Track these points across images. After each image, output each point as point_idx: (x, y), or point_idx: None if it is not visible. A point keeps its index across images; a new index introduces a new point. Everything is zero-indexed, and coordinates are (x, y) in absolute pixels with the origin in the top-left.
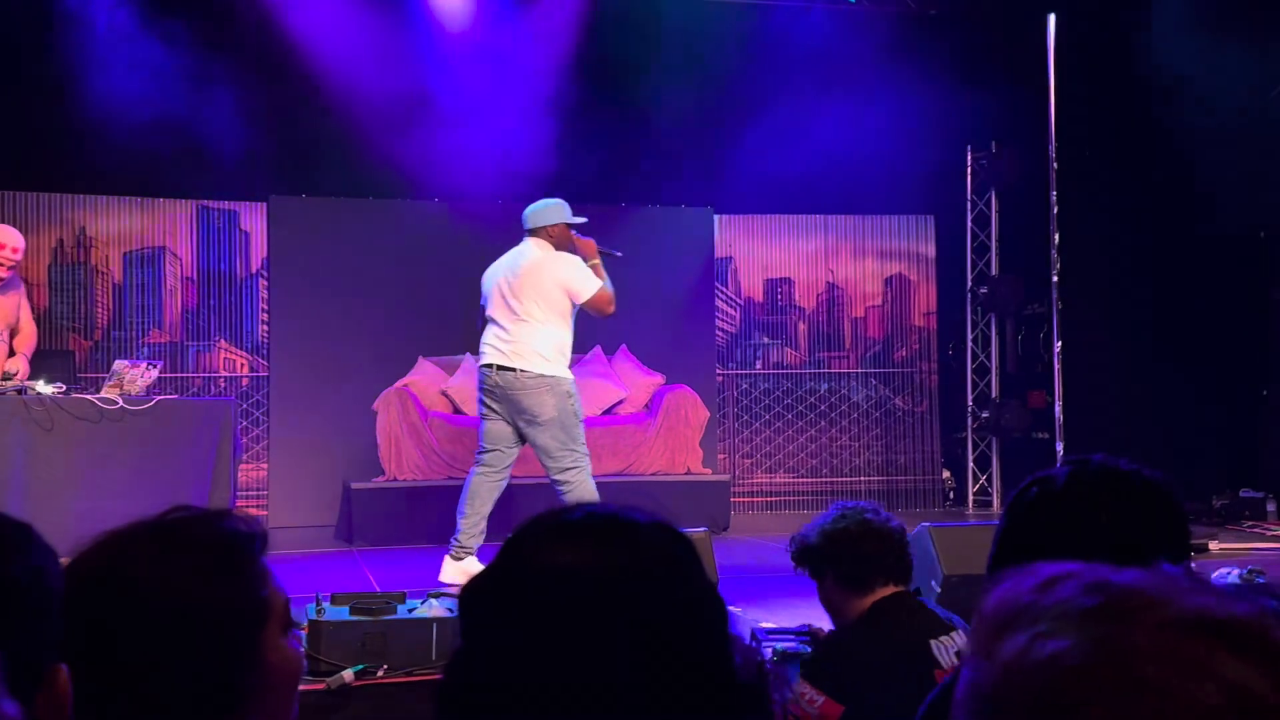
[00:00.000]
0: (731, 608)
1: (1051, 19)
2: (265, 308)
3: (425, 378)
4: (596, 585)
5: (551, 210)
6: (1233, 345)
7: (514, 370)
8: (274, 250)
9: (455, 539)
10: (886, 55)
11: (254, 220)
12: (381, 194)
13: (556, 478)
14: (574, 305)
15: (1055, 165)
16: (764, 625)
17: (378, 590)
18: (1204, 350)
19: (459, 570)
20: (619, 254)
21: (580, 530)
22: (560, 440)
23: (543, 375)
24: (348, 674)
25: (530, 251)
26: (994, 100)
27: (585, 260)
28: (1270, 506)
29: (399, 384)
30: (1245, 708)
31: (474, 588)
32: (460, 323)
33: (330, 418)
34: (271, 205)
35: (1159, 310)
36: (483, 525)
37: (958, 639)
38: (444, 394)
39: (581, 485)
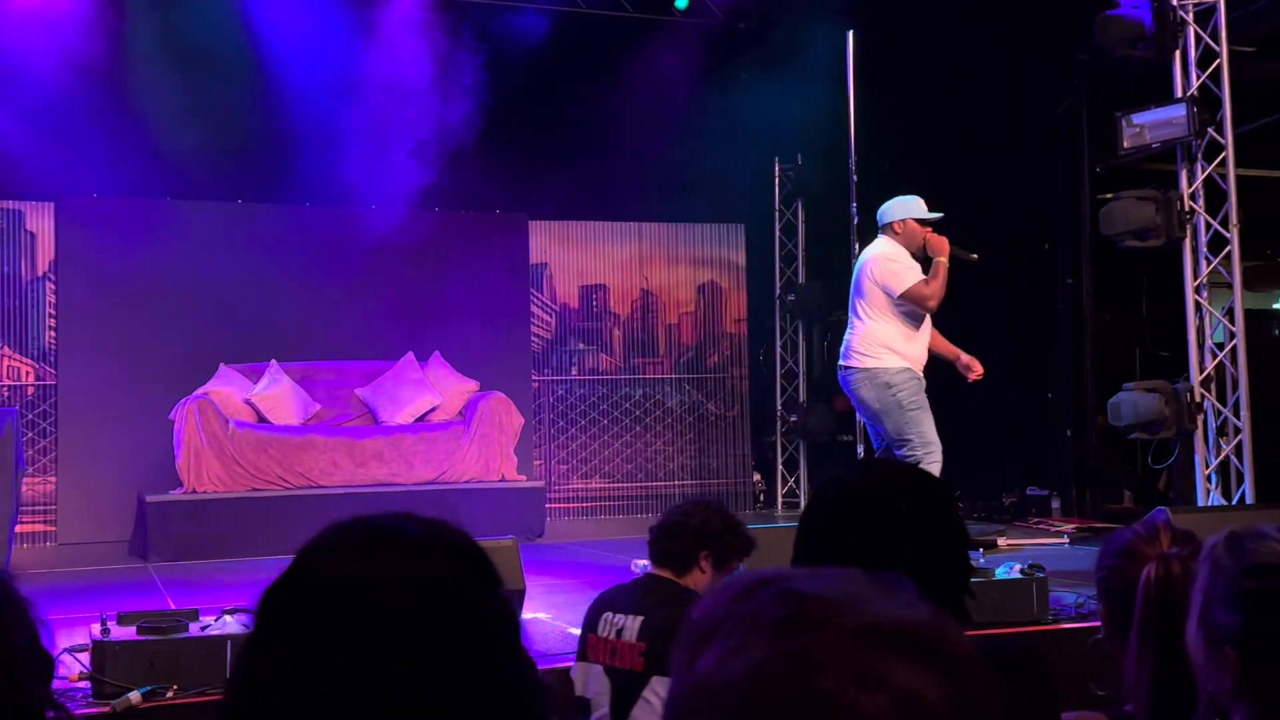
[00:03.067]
0: (540, 614)
1: (851, 36)
2: (53, 313)
3: (228, 386)
4: (379, 596)
5: (896, 206)
6: (1022, 352)
7: (842, 367)
8: (63, 252)
9: None
10: (699, 66)
11: (41, 221)
12: (180, 194)
13: None
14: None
15: (855, 177)
16: None
17: (172, 608)
18: (996, 356)
19: None
20: (974, 256)
21: (366, 540)
22: (892, 430)
23: (863, 370)
24: (134, 696)
25: (869, 249)
26: (800, 113)
27: (935, 257)
28: (1055, 503)
29: (199, 392)
30: (913, 713)
31: (266, 595)
32: (265, 328)
33: (124, 428)
34: (60, 205)
35: (954, 318)
36: None
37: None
38: (248, 402)
39: None
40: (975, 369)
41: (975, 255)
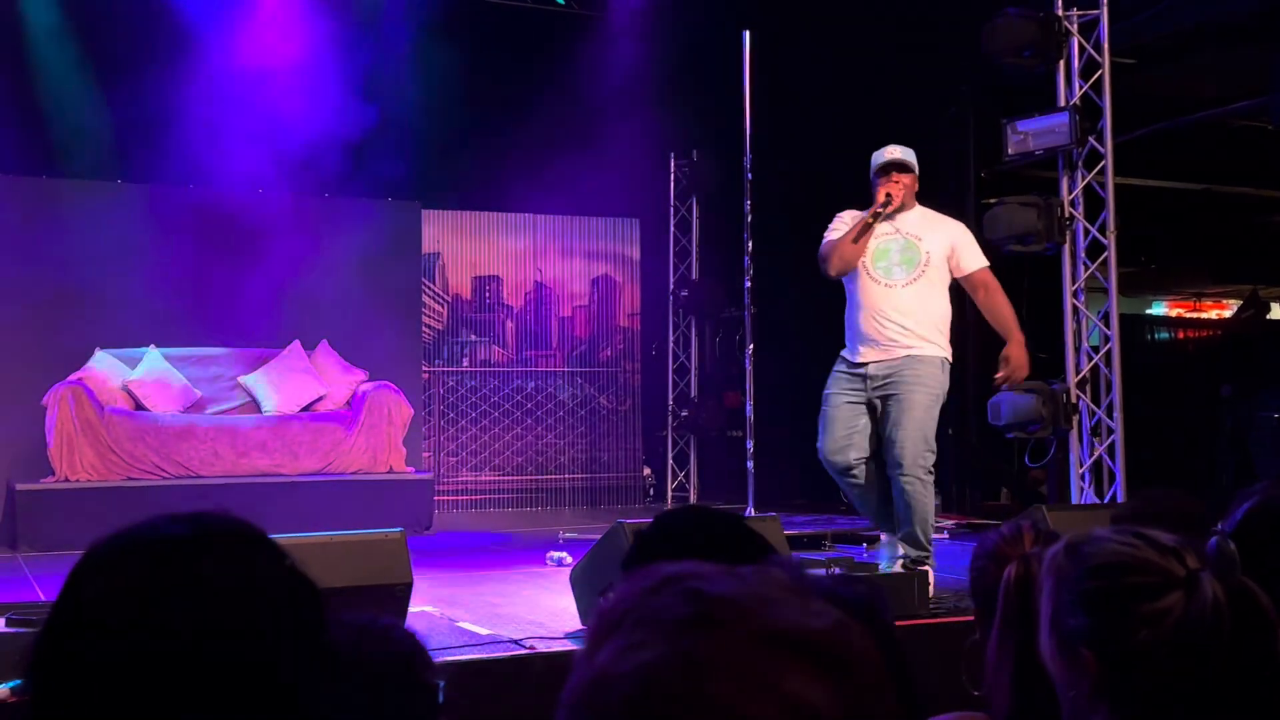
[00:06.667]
0: (428, 608)
1: (747, 35)
2: None
3: (104, 371)
4: (141, 614)
5: None
6: None
7: None
8: None
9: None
10: (597, 60)
11: None
12: (57, 173)
13: None
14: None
15: (750, 175)
16: None
17: (43, 599)
18: None
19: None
20: (881, 210)
21: (125, 554)
22: None
23: None
24: (2, 689)
25: None
26: (697, 110)
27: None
28: (936, 500)
29: (73, 377)
30: None
31: (44, 634)
32: (144, 313)
33: None
34: None
35: (842, 317)
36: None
37: None
38: (125, 388)
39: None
40: (1013, 371)
41: (885, 209)
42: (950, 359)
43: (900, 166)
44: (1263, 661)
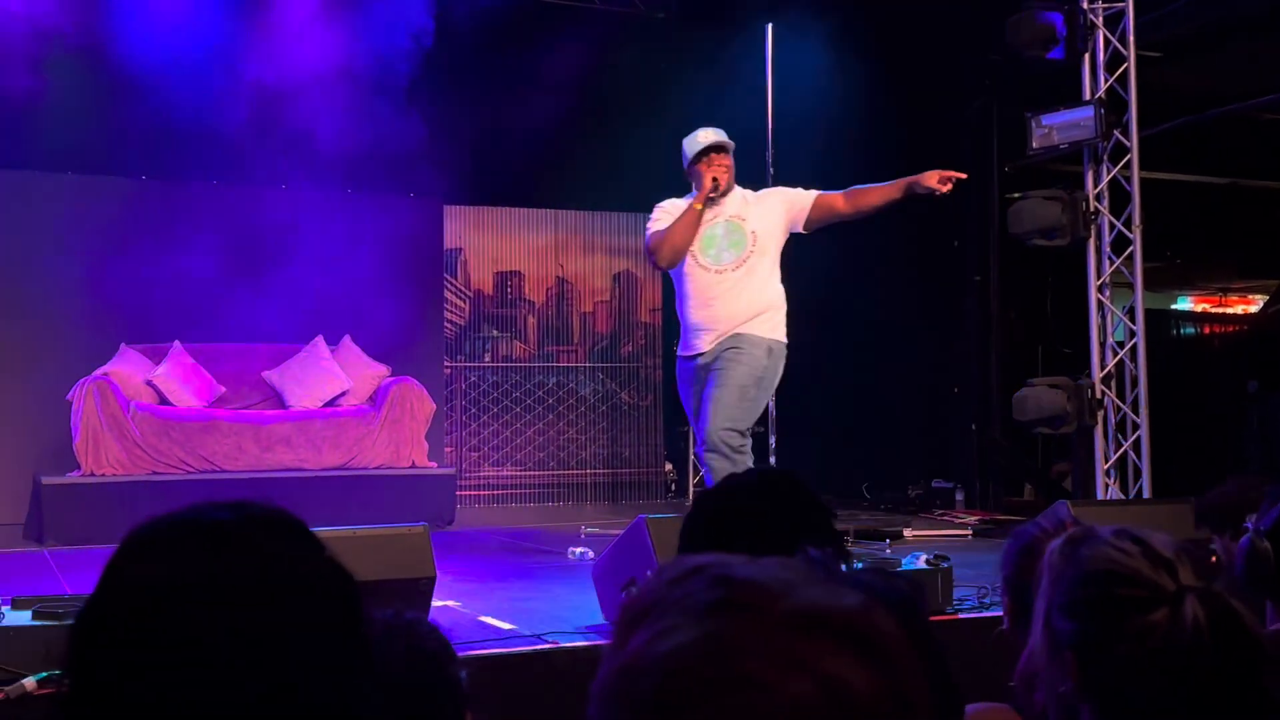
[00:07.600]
0: (451, 602)
1: (769, 28)
2: None
3: (128, 366)
4: (184, 598)
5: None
6: (930, 347)
7: None
8: None
9: None
10: (617, 55)
11: None
12: (82, 170)
13: None
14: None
15: (772, 171)
16: None
17: (69, 593)
18: (906, 351)
19: None
20: (713, 195)
21: (168, 539)
22: None
23: None
24: (29, 682)
25: None
26: (717, 104)
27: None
28: (959, 496)
29: (99, 373)
30: (837, 699)
31: (83, 620)
32: (169, 308)
33: (20, 408)
34: None
35: (867, 312)
36: None
37: None
38: (150, 384)
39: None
40: (934, 175)
41: (714, 194)
42: (783, 343)
43: (721, 148)
44: (1243, 684)
